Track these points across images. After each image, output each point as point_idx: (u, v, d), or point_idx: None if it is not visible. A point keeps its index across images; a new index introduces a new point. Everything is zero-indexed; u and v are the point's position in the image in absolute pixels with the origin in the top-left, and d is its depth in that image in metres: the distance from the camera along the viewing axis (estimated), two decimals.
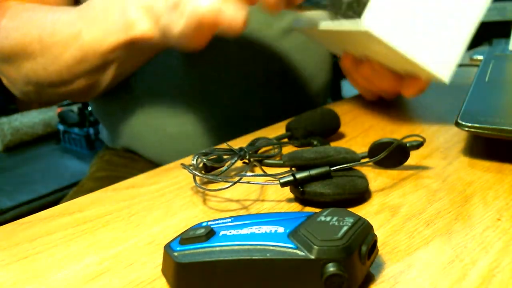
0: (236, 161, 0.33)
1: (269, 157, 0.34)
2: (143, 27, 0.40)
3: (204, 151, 0.33)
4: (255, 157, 0.35)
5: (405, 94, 0.43)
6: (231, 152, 0.34)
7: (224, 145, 0.36)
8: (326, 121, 0.41)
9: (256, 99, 0.56)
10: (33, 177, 1.29)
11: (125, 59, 0.46)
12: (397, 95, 0.48)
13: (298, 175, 0.28)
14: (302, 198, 0.29)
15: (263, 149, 0.40)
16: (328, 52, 0.64)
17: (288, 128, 0.41)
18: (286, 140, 0.41)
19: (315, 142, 0.39)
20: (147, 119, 0.56)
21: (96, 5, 0.43)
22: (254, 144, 0.37)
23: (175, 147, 0.56)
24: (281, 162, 0.32)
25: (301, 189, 0.28)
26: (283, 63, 0.59)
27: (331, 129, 0.41)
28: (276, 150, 0.38)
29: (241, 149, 0.34)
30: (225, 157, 0.34)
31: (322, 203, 0.28)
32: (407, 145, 0.31)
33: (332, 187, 0.28)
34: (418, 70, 0.39)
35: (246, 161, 0.35)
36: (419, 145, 0.31)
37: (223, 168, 0.32)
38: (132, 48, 0.43)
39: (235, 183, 0.29)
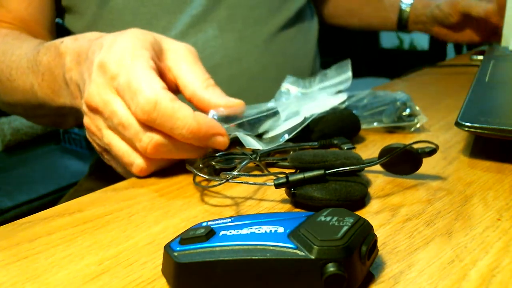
0: (247, 163, 0.32)
1: (283, 160, 0.34)
2: (79, 102, 0.37)
3: (213, 153, 0.33)
4: (267, 160, 0.34)
5: None
6: (243, 154, 0.33)
7: (236, 148, 0.36)
8: (345, 124, 0.39)
9: (252, 94, 0.56)
10: (33, 177, 1.28)
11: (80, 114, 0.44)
12: None
13: (292, 177, 0.28)
14: (293, 200, 0.29)
15: None
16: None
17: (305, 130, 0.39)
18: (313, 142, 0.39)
19: (335, 142, 0.37)
20: None
21: (42, 60, 0.41)
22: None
23: None
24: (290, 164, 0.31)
25: (293, 191, 0.28)
26: (278, 58, 0.59)
27: (350, 132, 0.39)
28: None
29: (253, 151, 0.34)
30: (236, 160, 0.34)
31: (312, 207, 0.28)
32: (419, 151, 0.30)
33: (324, 192, 0.27)
34: None
35: (259, 164, 0.34)
36: (431, 152, 0.29)
37: (235, 172, 0.31)
38: None
39: (227, 180, 0.29)
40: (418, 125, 0.41)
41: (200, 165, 0.33)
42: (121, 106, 0.32)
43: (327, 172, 0.28)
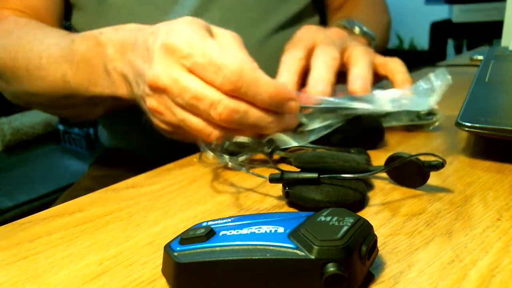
0: (255, 152, 0.34)
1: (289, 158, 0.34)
2: (123, 91, 0.40)
3: (231, 139, 0.35)
4: (279, 154, 0.35)
5: None
6: (258, 143, 0.34)
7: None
8: (368, 129, 0.38)
9: None
10: (33, 177, 1.29)
11: (114, 102, 0.44)
12: None
13: (286, 175, 0.28)
14: (287, 199, 0.29)
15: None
16: None
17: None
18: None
19: (352, 151, 0.36)
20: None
21: (78, 50, 0.42)
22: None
23: (173, 147, 0.56)
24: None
25: (287, 190, 0.28)
26: (273, 61, 0.59)
27: (372, 138, 0.39)
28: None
29: (269, 141, 0.35)
30: (250, 147, 0.35)
31: (305, 207, 0.28)
32: (425, 164, 0.28)
33: (318, 193, 0.27)
34: None
35: (266, 156, 0.35)
36: (438, 166, 0.28)
37: (243, 156, 0.33)
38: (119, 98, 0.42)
39: (227, 164, 0.31)
40: (437, 124, 0.42)
41: (213, 146, 0.34)
42: (193, 81, 0.34)
43: (321, 176, 0.28)
